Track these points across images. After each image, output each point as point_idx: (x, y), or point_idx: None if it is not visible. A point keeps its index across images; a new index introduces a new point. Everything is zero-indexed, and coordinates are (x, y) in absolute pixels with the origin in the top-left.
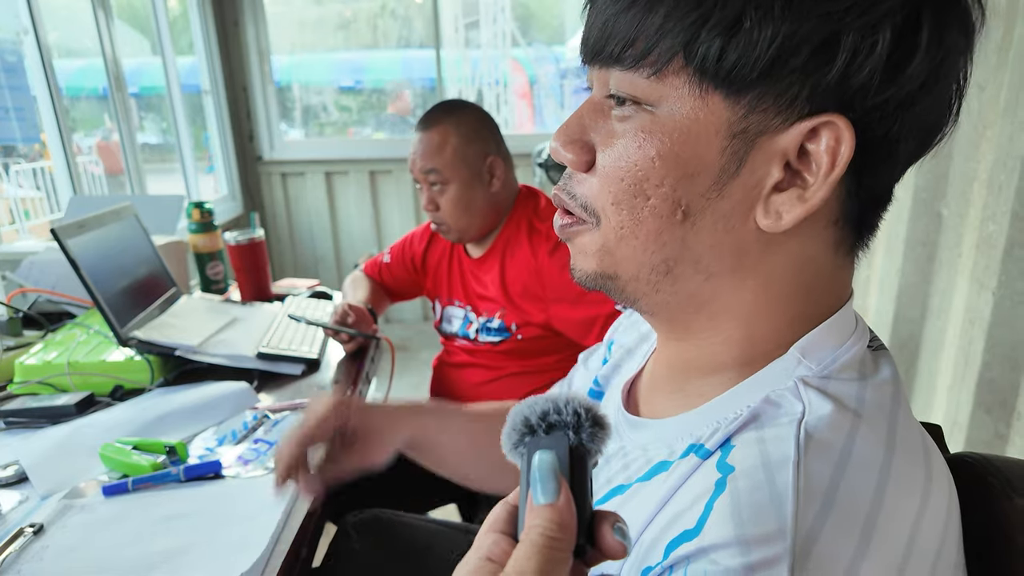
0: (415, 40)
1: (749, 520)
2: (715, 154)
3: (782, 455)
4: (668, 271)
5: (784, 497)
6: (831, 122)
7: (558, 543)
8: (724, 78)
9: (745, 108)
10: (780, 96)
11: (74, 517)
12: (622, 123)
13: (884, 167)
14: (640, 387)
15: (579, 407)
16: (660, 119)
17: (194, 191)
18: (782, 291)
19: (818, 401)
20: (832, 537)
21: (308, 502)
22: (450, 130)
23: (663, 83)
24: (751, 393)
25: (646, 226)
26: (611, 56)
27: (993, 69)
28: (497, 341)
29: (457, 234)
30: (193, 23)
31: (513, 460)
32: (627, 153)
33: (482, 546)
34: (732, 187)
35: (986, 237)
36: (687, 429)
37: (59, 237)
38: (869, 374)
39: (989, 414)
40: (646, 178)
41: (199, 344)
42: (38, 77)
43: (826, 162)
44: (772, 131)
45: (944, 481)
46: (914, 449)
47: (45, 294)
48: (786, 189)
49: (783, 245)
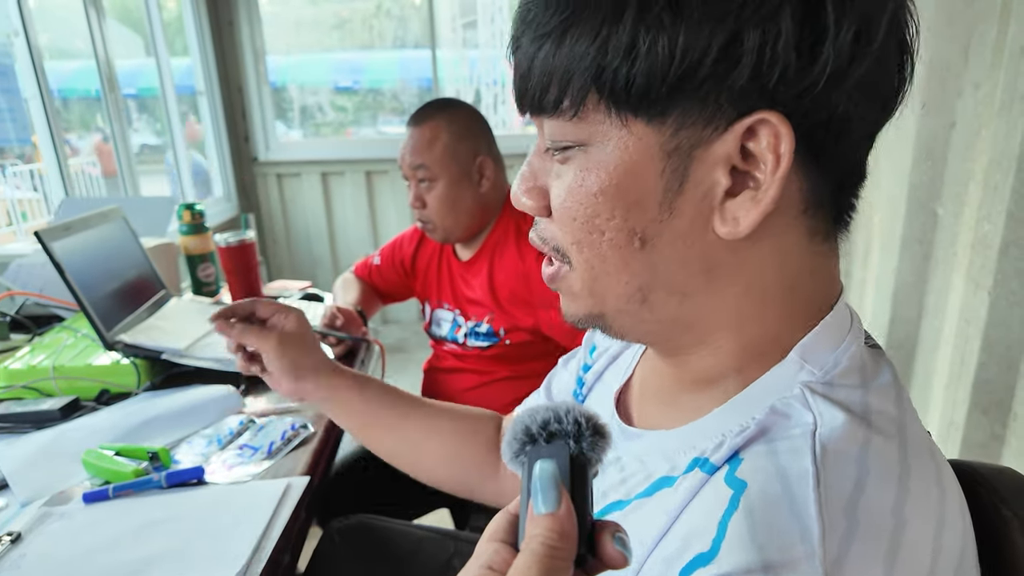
0: (411, 40)
1: (771, 543)
2: (654, 178)
3: (800, 470)
4: (644, 299)
5: (808, 516)
6: (763, 119)
7: (559, 552)
8: (639, 103)
9: (672, 127)
10: (702, 106)
11: (53, 525)
12: (564, 164)
13: (842, 146)
14: (631, 396)
15: (580, 416)
16: (593, 156)
17: (189, 192)
18: (766, 292)
19: (828, 411)
20: (861, 553)
21: (292, 507)
22: (441, 126)
23: (586, 122)
24: (755, 403)
25: (611, 260)
26: (535, 105)
27: (988, 68)
28: (485, 346)
29: (443, 233)
30: (188, 23)
31: (514, 469)
32: (572, 193)
33: (483, 555)
34: (681, 204)
35: (981, 237)
36: (689, 442)
37: (43, 240)
38: (870, 378)
39: (985, 415)
40: (596, 214)
41: (186, 347)
42: (29, 79)
43: (771, 159)
44: (706, 141)
45: (953, 484)
46: (924, 456)
47: (33, 297)
48: (738, 193)
49: (753, 247)
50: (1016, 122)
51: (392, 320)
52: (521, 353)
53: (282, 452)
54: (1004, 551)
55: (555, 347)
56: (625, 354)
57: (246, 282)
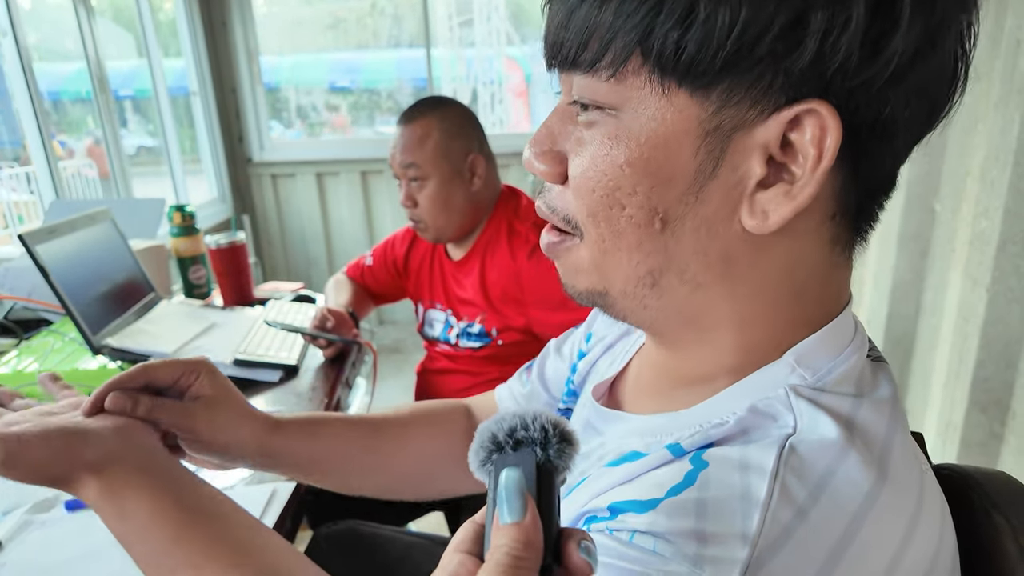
0: (405, 39)
1: (712, 514)
2: (688, 156)
3: (761, 463)
4: (654, 283)
5: (753, 503)
6: (812, 109)
7: (523, 563)
8: (686, 72)
9: (715, 103)
10: (752, 86)
11: (34, 532)
12: (589, 129)
13: (883, 151)
14: (624, 385)
15: (546, 423)
16: (625, 123)
17: (183, 194)
18: (776, 296)
19: (810, 414)
20: (792, 557)
21: (277, 513)
22: (433, 124)
23: (623, 85)
24: (737, 399)
25: (626, 238)
26: (568, 60)
27: (985, 62)
28: (477, 347)
29: (435, 232)
30: (180, 24)
31: (480, 478)
32: (595, 163)
33: (447, 566)
34: (711, 189)
35: (979, 233)
36: (667, 428)
37: (27, 243)
38: (867, 391)
39: (984, 413)
40: (617, 187)
41: (174, 351)
42: (17, 80)
43: (812, 154)
44: (749, 125)
45: (937, 511)
46: (907, 479)
47: (21, 301)
48: (772, 185)
49: (774, 247)
50: (1013, 116)
51: (388, 321)
52: (513, 353)
53: None
54: (995, 557)
55: None
56: (621, 343)
57: (237, 284)
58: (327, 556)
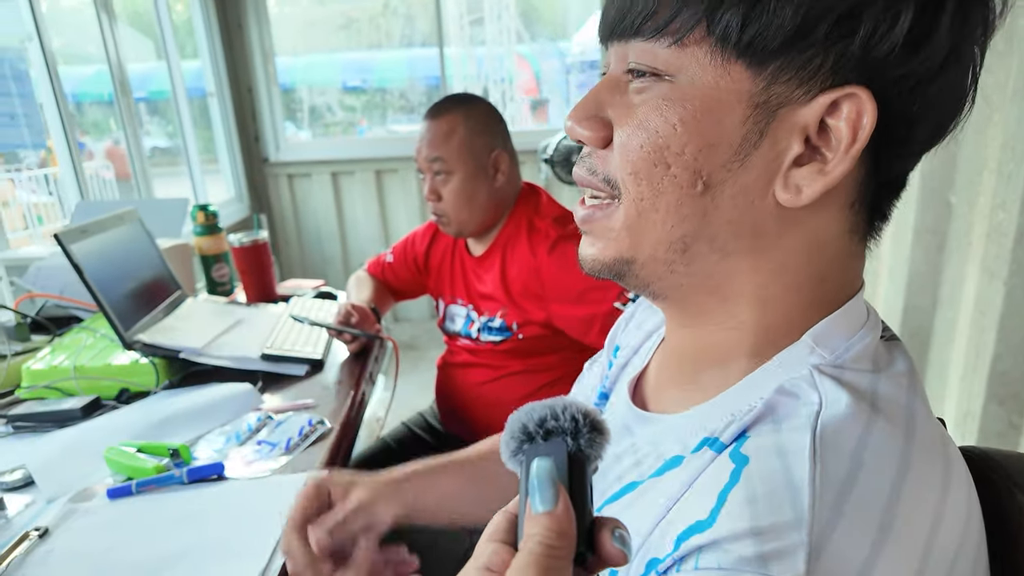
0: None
1: (764, 510)
2: (737, 123)
3: (798, 445)
4: (685, 248)
5: (800, 487)
6: (854, 94)
7: (557, 551)
8: (746, 48)
9: (767, 79)
10: (802, 67)
11: (79, 520)
12: (641, 94)
13: (901, 149)
14: (647, 382)
15: (577, 413)
16: (681, 87)
17: (201, 194)
18: (797, 276)
19: (834, 392)
20: (848, 530)
21: None
22: (459, 120)
23: (684, 52)
24: (764, 383)
25: (666, 197)
26: (631, 28)
27: (1000, 55)
28: (498, 341)
29: (457, 227)
30: (197, 26)
31: (512, 468)
32: (647, 121)
33: (481, 555)
34: (753, 159)
35: (996, 225)
36: (700, 422)
37: (62, 242)
38: (884, 366)
39: (1002, 405)
40: (666, 146)
41: (203, 346)
42: (43, 83)
43: (847, 135)
44: (794, 103)
45: (963, 477)
46: (932, 444)
47: (52, 299)
48: (806, 164)
49: (800, 225)
50: None
51: (403, 318)
52: (534, 347)
53: (300, 448)
54: (1020, 538)
55: (567, 341)
56: (645, 345)
57: (260, 282)
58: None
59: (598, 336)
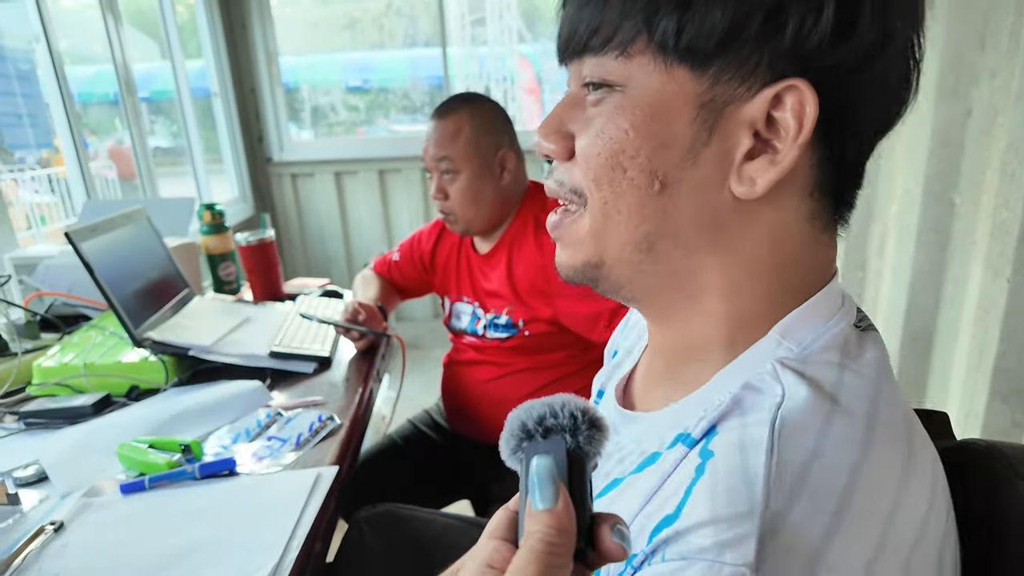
0: (421, 38)
1: (722, 501)
2: (685, 124)
3: (757, 439)
4: (650, 247)
5: (755, 479)
6: (793, 86)
7: (557, 548)
8: (685, 52)
9: (710, 80)
10: (741, 66)
11: (93, 515)
12: (596, 107)
13: (848, 134)
14: (635, 382)
15: (575, 410)
16: (631, 95)
17: (205, 193)
18: (762, 266)
19: (795, 384)
20: (802, 516)
21: (322, 496)
22: (465, 119)
23: (631, 62)
24: (733, 378)
25: (627, 199)
26: (580, 45)
27: (1005, 56)
28: (504, 337)
29: (464, 225)
30: (201, 26)
31: (512, 466)
32: (603, 130)
33: (482, 552)
34: (705, 156)
35: (1000, 224)
36: (676, 419)
37: (73, 241)
38: (852, 356)
39: (1005, 403)
40: (621, 150)
41: (212, 344)
42: (50, 84)
43: (793, 125)
44: (738, 100)
45: (928, 466)
46: (895, 435)
47: (61, 297)
48: (757, 156)
49: (759, 215)
50: None
51: (406, 317)
52: (539, 344)
53: (310, 443)
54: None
55: (573, 338)
56: (636, 347)
57: (267, 280)
58: (368, 537)
59: (603, 332)
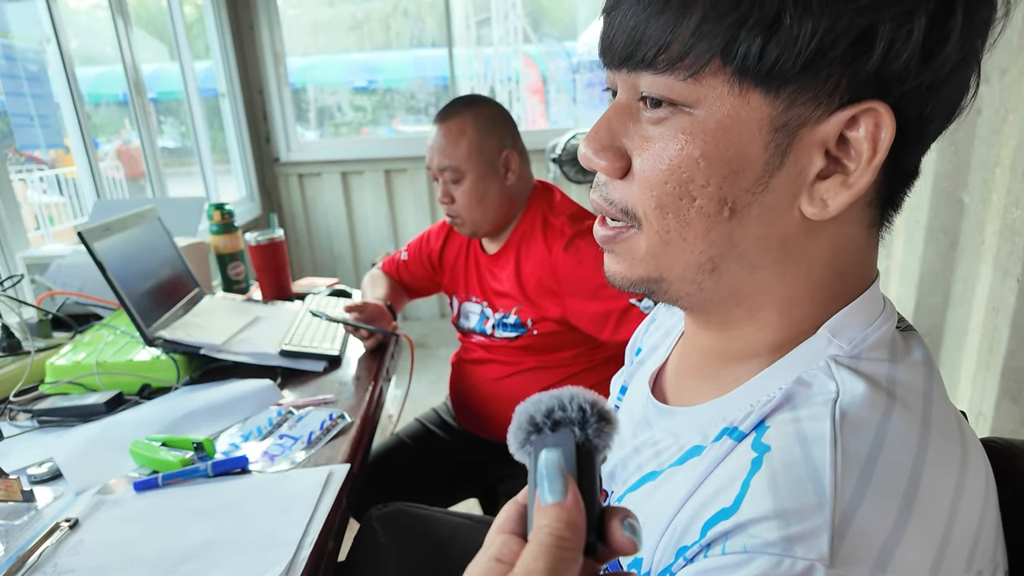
0: (427, 39)
1: (787, 495)
2: (759, 150)
3: (818, 432)
4: (714, 268)
5: (822, 471)
6: (872, 109)
7: (567, 542)
8: (764, 76)
9: (785, 102)
10: (819, 88)
11: (107, 512)
12: (657, 126)
13: (918, 145)
14: (667, 375)
15: (584, 403)
16: (700, 120)
17: (213, 193)
18: (821, 276)
19: (851, 380)
20: (870, 511)
21: (335, 494)
22: (468, 122)
23: (700, 84)
24: (783, 375)
25: (693, 227)
26: (642, 61)
27: (1015, 53)
28: (513, 337)
29: (471, 227)
30: (209, 27)
31: (520, 459)
32: (668, 156)
33: (491, 546)
34: (776, 179)
35: (1010, 223)
36: (720, 413)
37: (86, 240)
38: (900, 355)
39: (1015, 402)
40: (691, 179)
41: (223, 343)
42: (61, 85)
43: (867, 148)
44: (813, 122)
45: (980, 461)
46: (950, 429)
47: (73, 296)
48: (828, 176)
49: (825, 231)
50: None
51: (413, 317)
52: (548, 343)
53: (321, 442)
54: None
55: (582, 337)
56: (664, 342)
57: (277, 280)
58: (380, 536)
59: (613, 332)
